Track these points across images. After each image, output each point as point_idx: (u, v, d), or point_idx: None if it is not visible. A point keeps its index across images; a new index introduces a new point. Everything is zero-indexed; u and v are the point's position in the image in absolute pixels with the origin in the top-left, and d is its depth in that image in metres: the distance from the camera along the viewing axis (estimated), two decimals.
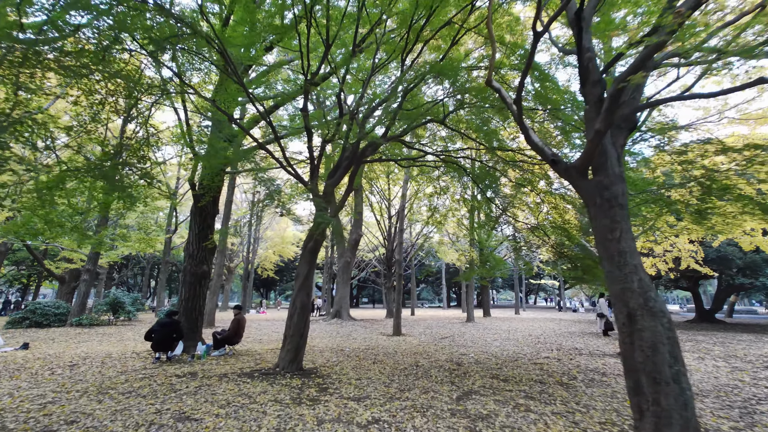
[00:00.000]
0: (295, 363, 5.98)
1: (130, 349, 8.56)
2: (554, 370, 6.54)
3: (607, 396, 4.81)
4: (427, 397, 4.64)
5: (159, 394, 4.64)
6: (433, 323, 17.64)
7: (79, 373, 5.89)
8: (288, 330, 6.12)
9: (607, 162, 3.33)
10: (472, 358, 7.75)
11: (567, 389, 5.12)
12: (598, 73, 3.42)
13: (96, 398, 4.48)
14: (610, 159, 3.33)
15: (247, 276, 26.54)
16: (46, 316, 14.11)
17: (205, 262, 8.39)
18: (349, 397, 4.60)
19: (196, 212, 8.43)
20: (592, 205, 3.34)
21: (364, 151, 7.11)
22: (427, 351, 8.67)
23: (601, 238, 3.23)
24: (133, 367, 6.31)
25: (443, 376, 5.84)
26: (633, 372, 2.79)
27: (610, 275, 3.10)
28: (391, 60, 7.40)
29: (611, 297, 3.13)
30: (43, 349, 8.73)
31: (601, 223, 3.25)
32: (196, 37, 5.06)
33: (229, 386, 5.00)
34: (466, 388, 5.10)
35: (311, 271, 6.56)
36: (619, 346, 3.02)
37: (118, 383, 5.19)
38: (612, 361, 7.45)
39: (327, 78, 8.92)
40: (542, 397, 4.72)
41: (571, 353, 8.51)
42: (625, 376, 2.91)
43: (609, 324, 12.82)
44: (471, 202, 12.13)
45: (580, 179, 3.42)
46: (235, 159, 7.97)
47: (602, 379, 5.84)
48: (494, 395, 4.76)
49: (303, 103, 6.36)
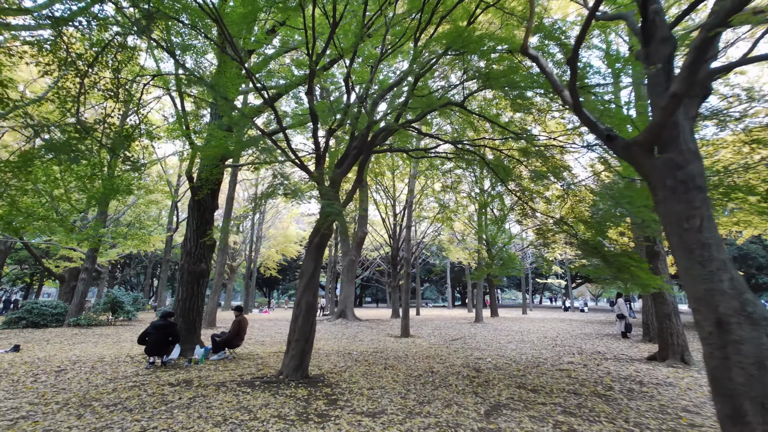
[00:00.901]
0: (300, 370, 5.43)
1: (125, 352, 8.07)
2: (584, 377, 5.95)
3: (656, 411, 4.22)
4: (451, 411, 4.08)
5: (148, 407, 4.11)
6: (441, 323, 17.07)
7: (65, 380, 5.39)
8: (292, 334, 5.58)
9: (680, 136, 2.74)
10: (490, 362, 7.18)
11: (607, 402, 4.54)
12: (666, 28, 2.84)
13: (76, 412, 3.96)
14: (683, 132, 2.74)
15: (249, 275, 26.09)
16: (43, 316, 13.68)
17: (204, 260, 7.87)
18: (362, 411, 4.05)
19: (193, 206, 7.90)
20: (661, 188, 2.76)
21: (374, 138, 6.55)
22: (440, 354, 8.11)
23: (675, 228, 2.65)
24: (124, 374, 5.80)
25: (464, 385, 5.28)
26: (729, 395, 2.21)
27: (689, 273, 2.52)
28: (403, 43, 6.84)
29: (689, 299, 2.55)
30: (35, 351, 8.26)
31: (673, 209, 2.67)
32: (190, 9, 4.54)
33: (226, 397, 4.47)
34: (492, 400, 4.54)
35: (317, 269, 6.01)
36: (705, 361, 2.45)
37: (104, 393, 4.67)
38: (644, 367, 6.85)
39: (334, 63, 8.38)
40: (582, 412, 4.14)
41: (595, 358, 7.91)
42: (716, 399, 2.33)
43: (629, 326, 12.21)
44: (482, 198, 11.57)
45: (644, 158, 2.84)
46: (236, 150, 7.45)
47: (642, 389, 5.25)
48: (526, 410, 4.19)
49: (308, 85, 5.80)
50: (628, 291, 6.35)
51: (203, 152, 7.03)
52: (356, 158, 6.53)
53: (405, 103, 6.22)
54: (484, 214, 14.06)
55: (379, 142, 6.95)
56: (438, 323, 17.26)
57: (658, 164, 2.77)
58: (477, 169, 8.60)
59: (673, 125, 2.75)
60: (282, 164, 7.19)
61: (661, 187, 2.75)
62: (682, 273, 2.60)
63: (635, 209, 5.23)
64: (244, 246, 27.23)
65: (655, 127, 2.69)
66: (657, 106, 2.80)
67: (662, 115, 2.61)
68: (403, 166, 17.68)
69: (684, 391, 5.14)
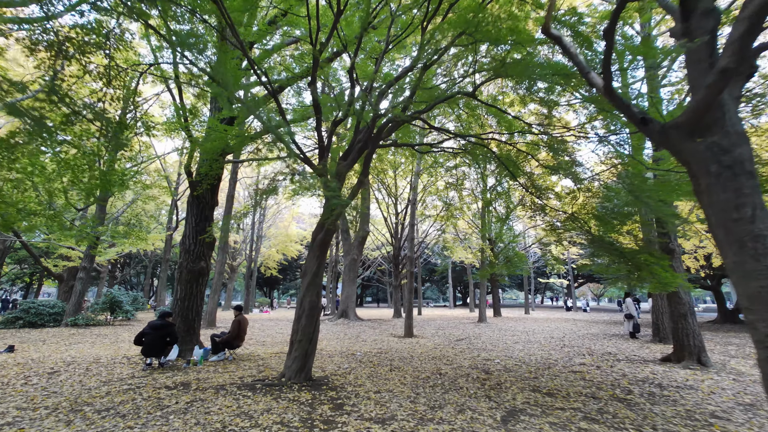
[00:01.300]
0: (303, 372, 5.18)
1: (122, 352, 7.83)
2: (599, 380, 5.70)
3: (683, 417, 3.97)
4: (465, 418, 3.83)
5: (142, 412, 3.87)
6: (444, 323, 16.82)
7: (57, 383, 5.14)
8: (295, 334, 5.33)
9: (725, 117, 2.49)
10: (499, 364, 6.93)
11: (629, 407, 4.28)
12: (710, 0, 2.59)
13: (65, 418, 3.71)
14: (728, 113, 2.49)
15: (250, 274, 25.85)
16: (40, 315, 13.45)
17: (203, 258, 7.62)
18: (370, 417, 3.80)
19: (192, 202, 7.65)
20: (704, 175, 2.50)
21: (380, 131, 6.30)
22: (446, 355, 7.86)
23: (722, 219, 2.39)
24: (119, 376, 5.55)
25: (475, 388, 5.03)
26: None
27: (740, 269, 2.27)
28: (409, 33, 6.60)
29: (740, 296, 2.30)
30: (29, 352, 8.02)
31: (719, 198, 2.42)
32: None
33: (226, 402, 4.22)
34: (507, 405, 4.29)
35: (320, 268, 5.76)
36: (760, 366, 2.19)
37: (97, 397, 4.42)
38: (660, 369, 6.60)
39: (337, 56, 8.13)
40: (605, 418, 3.89)
41: (607, 359, 7.66)
42: None
43: (637, 326, 11.95)
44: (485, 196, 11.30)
45: (684, 142, 2.58)
46: (238, 144, 7.20)
47: (663, 393, 4.99)
48: (545, 416, 3.94)
49: (312, 75, 5.55)
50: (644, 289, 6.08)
51: (203, 146, 6.78)
52: (361, 152, 6.28)
53: (412, 94, 5.97)
54: (489, 212, 13.79)
55: (384, 135, 6.70)
56: (441, 323, 17.01)
57: (700, 149, 2.51)
58: (483, 165, 8.35)
59: (717, 106, 2.50)
60: (293, 159, 6.91)
61: (705, 174, 2.49)
62: (730, 269, 2.34)
63: (654, 204, 4.98)
64: (244, 245, 27.00)
65: (698, 107, 2.44)
66: (699, 86, 2.55)
67: (708, 94, 2.35)
68: (405, 164, 17.44)
69: (707, 395, 4.88)
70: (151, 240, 18.48)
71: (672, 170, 4.77)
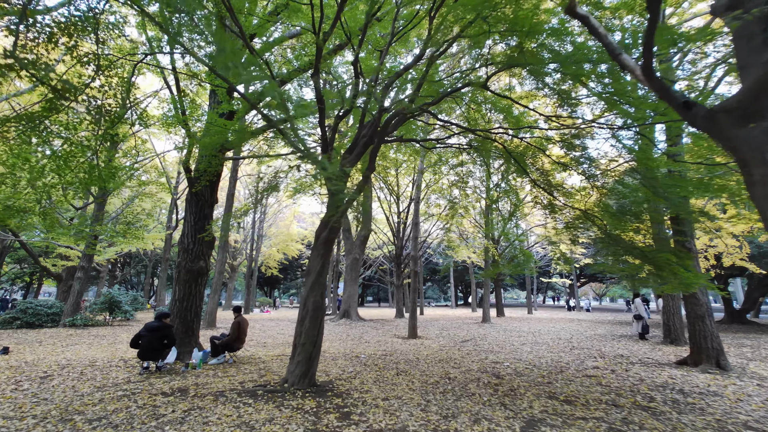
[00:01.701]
0: (307, 377, 4.93)
1: (119, 354, 7.58)
2: (617, 385, 5.44)
3: (716, 429, 3.71)
4: (482, 429, 3.57)
5: (136, 422, 3.62)
6: (447, 324, 16.57)
7: (48, 388, 4.90)
8: (298, 337, 5.07)
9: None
10: (509, 367, 6.67)
11: (655, 416, 4.02)
12: None
13: (54, 428, 3.46)
14: None
15: (250, 274, 25.62)
16: (38, 316, 13.22)
17: (202, 257, 7.37)
18: (380, 428, 3.54)
19: (191, 200, 7.40)
20: (758, 164, 2.24)
21: (385, 125, 6.03)
22: (453, 358, 7.60)
23: None
24: (114, 380, 5.30)
25: (488, 395, 4.77)
26: None
27: None
28: (415, 25, 6.34)
29: None
30: (24, 354, 7.79)
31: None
32: None
33: (225, 410, 3.97)
34: (525, 414, 4.03)
35: (325, 267, 5.50)
36: None
37: (89, 404, 4.18)
38: (677, 373, 6.33)
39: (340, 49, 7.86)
40: (631, 429, 3.63)
41: (620, 362, 7.39)
42: None
43: (646, 327, 11.69)
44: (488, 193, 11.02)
45: (734, 127, 2.32)
46: (238, 138, 6.95)
47: (686, 400, 4.73)
48: (567, 426, 3.68)
49: (315, 65, 5.28)
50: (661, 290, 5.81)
51: (201, 141, 6.53)
52: (366, 147, 6.02)
53: (419, 86, 5.70)
54: (495, 210, 13.51)
55: (390, 129, 6.44)
56: (444, 323, 16.76)
57: (754, 134, 2.25)
58: (488, 161, 8.08)
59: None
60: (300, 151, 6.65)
61: (759, 164, 2.23)
62: None
63: (676, 200, 4.72)
64: (245, 244, 26.77)
65: (753, 88, 2.18)
66: (752, 64, 2.28)
67: (766, 73, 2.08)
68: (407, 163, 17.17)
69: (735, 403, 4.62)
70: (151, 239, 18.26)
71: (703, 163, 4.49)
